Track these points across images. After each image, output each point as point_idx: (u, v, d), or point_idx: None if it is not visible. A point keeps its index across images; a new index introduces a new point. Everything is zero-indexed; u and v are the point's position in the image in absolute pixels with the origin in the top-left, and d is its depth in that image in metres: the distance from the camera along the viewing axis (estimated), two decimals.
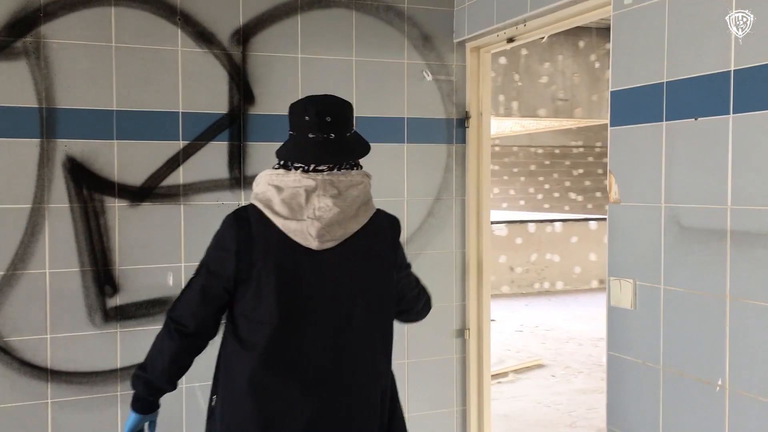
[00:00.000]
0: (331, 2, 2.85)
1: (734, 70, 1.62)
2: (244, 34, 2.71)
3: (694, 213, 1.72)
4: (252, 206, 1.72)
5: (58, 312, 2.51)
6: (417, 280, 1.95)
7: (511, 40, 2.83)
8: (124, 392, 2.58)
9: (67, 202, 2.50)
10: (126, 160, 2.57)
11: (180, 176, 2.64)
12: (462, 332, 3.15)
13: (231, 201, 2.71)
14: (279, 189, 1.69)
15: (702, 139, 1.74)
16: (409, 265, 1.92)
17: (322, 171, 1.69)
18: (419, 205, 3.04)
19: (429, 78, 3.02)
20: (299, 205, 1.67)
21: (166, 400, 1.81)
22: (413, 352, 3.04)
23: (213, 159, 2.69)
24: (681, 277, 1.78)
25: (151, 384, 1.75)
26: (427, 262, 3.04)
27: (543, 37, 2.77)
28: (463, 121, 3.10)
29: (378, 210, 1.82)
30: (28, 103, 2.44)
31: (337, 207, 1.67)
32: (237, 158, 2.72)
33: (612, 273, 1.99)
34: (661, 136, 1.82)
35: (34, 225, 2.46)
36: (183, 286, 2.34)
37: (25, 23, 2.42)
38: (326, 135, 1.72)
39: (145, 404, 1.79)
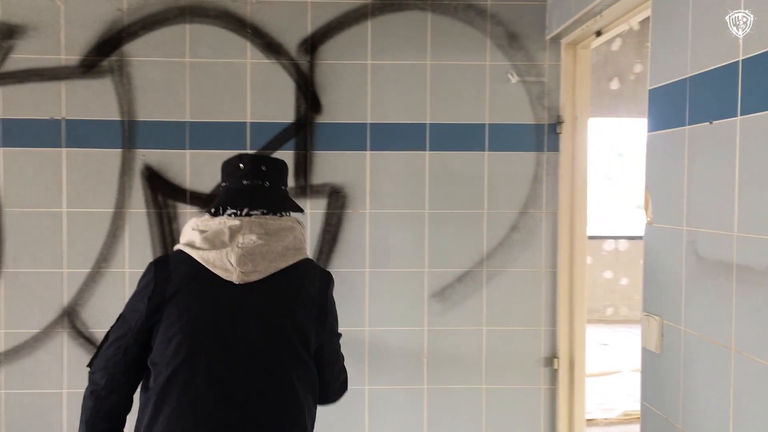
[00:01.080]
0: (404, 5, 2.74)
1: (742, 60, 1.23)
2: (312, 43, 2.71)
3: (708, 240, 1.35)
4: (175, 251, 1.68)
5: None
6: (341, 356, 1.77)
7: (599, 33, 2.49)
8: None
9: (144, 207, 2.69)
10: (197, 168, 2.70)
11: None
12: (551, 360, 2.84)
13: None
14: (203, 231, 1.64)
15: (714, 146, 1.36)
16: (338, 335, 1.74)
17: (251, 216, 1.64)
18: (501, 218, 2.80)
19: (514, 80, 2.77)
20: (222, 241, 1.60)
21: None
22: (491, 377, 2.81)
23: None
24: (697, 319, 1.40)
25: None
26: (508, 281, 2.80)
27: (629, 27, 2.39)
28: (555, 126, 2.80)
29: (310, 260, 1.71)
30: (112, 116, 2.67)
31: (261, 240, 1.59)
32: (303, 167, 2.73)
33: (645, 307, 1.64)
34: (684, 144, 1.45)
35: (115, 228, 2.69)
36: None
37: (110, 44, 2.66)
38: (261, 182, 1.70)
39: None
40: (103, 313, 2.69)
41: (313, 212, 2.73)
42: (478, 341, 2.82)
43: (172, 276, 1.59)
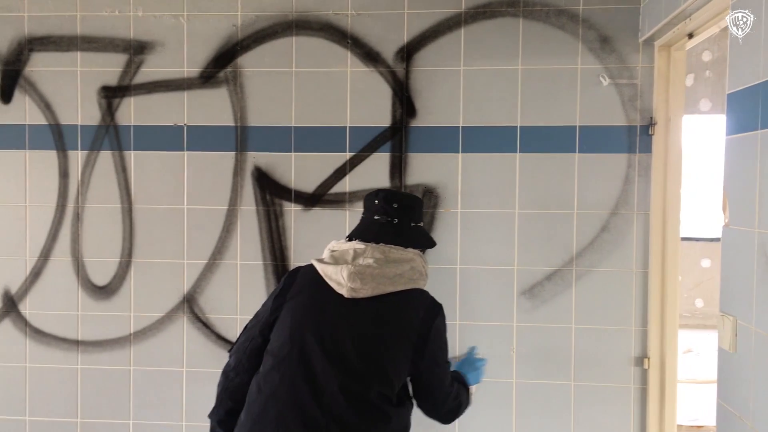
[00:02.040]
0: (496, 12, 2.85)
1: None
2: (408, 51, 2.87)
3: None
4: (309, 264, 1.93)
5: (246, 297, 2.97)
6: (453, 382, 1.89)
7: (691, 35, 2.50)
8: None
9: (254, 205, 2.95)
10: (301, 169, 2.92)
11: (346, 184, 2.91)
12: (641, 360, 2.86)
13: None
14: (334, 250, 1.91)
15: None
16: (444, 364, 1.85)
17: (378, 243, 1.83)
18: (591, 218, 2.85)
19: (606, 83, 2.82)
20: (344, 260, 1.82)
21: None
22: (581, 374, 2.87)
23: (376, 169, 2.90)
24: (766, 319, 1.44)
25: (211, 425, 1.95)
26: (598, 280, 2.85)
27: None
28: (647, 128, 2.81)
29: (423, 292, 1.84)
30: (227, 122, 2.94)
31: (376, 264, 1.77)
32: (398, 168, 2.89)
33: (721, 307, 1.67)
34: (756, 147, 1.48)
35: (229, 224, 2.96)
36: None
37: (226, 56, 2.93)
38: (390, 219, 1.90)
39: None
40: (218, 301, 2.97)
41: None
42: (567, 338, 2.88)
43: (296, 282, 1.87)
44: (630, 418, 2.86)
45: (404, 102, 2.88)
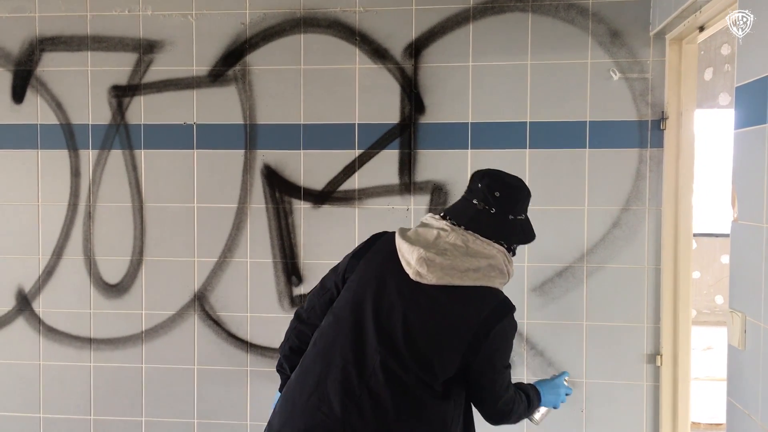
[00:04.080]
0: (505, 7, 2.83)
1: None
2: (416, 48, 2.86)
3: None
4: (392, 231, 1.89)
5: (256, 295, 2.98)
6: (509, 387, 1.83)
7: (702, 28, 2.46)
8: None
9: (264, 203, 2.95)
10: (310, 167, 2.92)
11: (355, 182, 2.91)
12: (654, 358, 2.83)
13: (401, 205, 2.89)
14: (423, 224, 1.85)
15: None
16: (501, 370, 1.79)
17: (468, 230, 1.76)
18: (602, 215, 2.82)
19: (616, 77, 2.78)
20: (426, 239, 1.76)
21: None
22: (593, 371, 2.84)
23: (385, 166, 2.89)
24: None
25: (279, 358, 2.00)
26: (610, 277, 2.82)
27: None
28: (659, 122, 2.78)
29: (495, 291, 1.76)
30: (236, 120, 2.95)
31: (450, 254, 1.70)
32: (407, 165, 2.88)
33: (731, 303, 1.64)
34: (764, 141, 1.45)
35: (239, 222, 2.97)
36: None
37: (234, 55, 2.93)
38: (488, 207, 1.77)
39: (281, 381, 2.01)
40: (228, 299, 2.99)
41: (416, 208, 2.88)
42: (578, 335, 2.86)
43: (375, 246, 1.85)
44: (643, 416, 2.83)
45: (413, 98, 2.87)
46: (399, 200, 2.89)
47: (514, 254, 1.85)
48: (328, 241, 2.93)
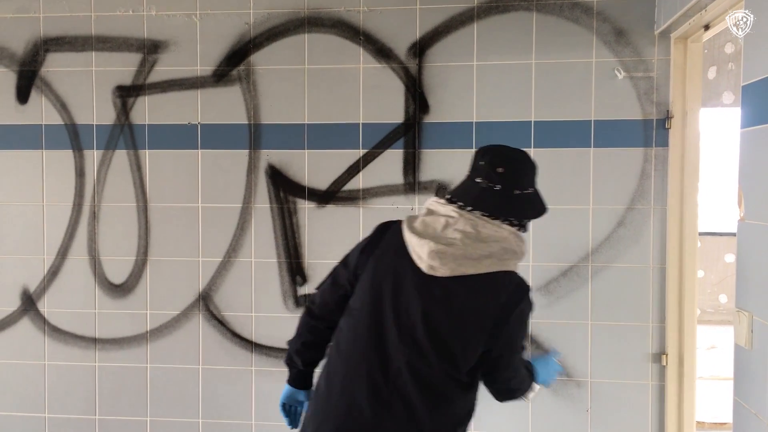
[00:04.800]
0: (509, 6, 2.82)
1: None
2: (420, 47, 2.85)
3: None
4: (399, 221, 1.85)
5: (260, 295, 2.98)
6: (520, 367, 1.82)
7: (707, 27, 2.45)
8: None
9: (268, 203, 2.95)
10: (314, 167, 2.92)
11: (359, 181, 2.91)
12: (659, 357, 2.82)
13: (405, 205, 2.88)
14: (430, 212, 1.79)
15: None
16: (518, 351, 1.78)
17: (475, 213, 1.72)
18: (607, 214, 2.82)
19: (621, 76, 2.78)
20: (434, 229, 1.72)
21: None
22: (598, 371, 2.84)
23: (389, 165, 2.89)
24: None
25: (289, 351, 2.00)
26: (615, 276, 2.82)
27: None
28: (664, 121, 2.77)
29: (510, 274, 1.72)
30: (241, 120, 2.95)
31: (461, 243, 1.66)
32: (411, 165, 2.88)
33: (737, 303, 1.64)
34: None
35: (243, 221, 2.97)
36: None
37: (239, 54, 2.93)
38: (492, 184, 1.71)
39: (290, 374, 2.02)
40: (233, 299, 2.99)
41: (421, 207, 2.88)
42: (584, 335, 2.85)
43: (383, 241, 1.80)
44: (648, 415, 2.83)
45: (417, 98, 2.86)
46: (403, 200, 2.89)
47: (526, 230, 1.80)
48: (332, 240, 2.93)
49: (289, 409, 2.06)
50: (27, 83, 3.05)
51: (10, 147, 3.08)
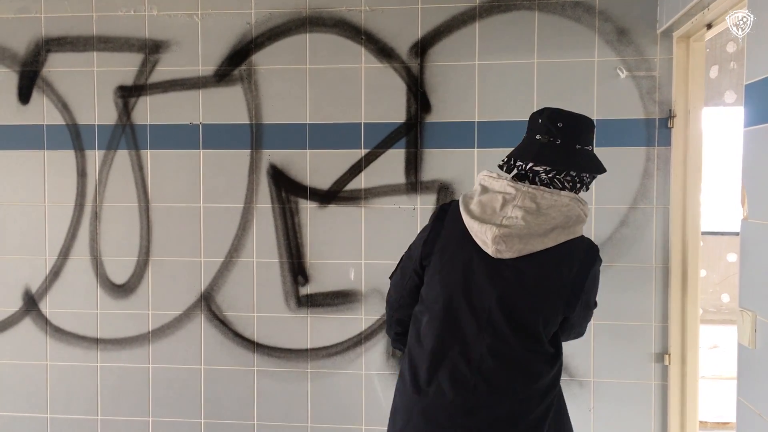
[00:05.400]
0: (511, 5, 2.82)
1: None
2: (422, 47, 2.85)
3: None
4: (456, 201, 1.83)
5: (262, 295, 2.97)
6: (586, 320, 1.86)
7: (709, 26, 2.45)
8: (313, 370, 2.95)
9: (270, 203, 2.95)
10: (316, 166, 2.92)
11: (361, 181, 2.90)
12: (662, 356, 2.82)
13: (407, 205, 2.88)
14: (484, 189, 1.76)
15: None
16: (593, 305, 1.80)
17: (534, 181, 1.71)
18: (610, 213, 2.81)
19: (623, 75, 2.77)
20: (493, 209, 1.70)
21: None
22: (600, 371, 2.83)
23: (391, 165, 2.88)
24: None
25: (391, 339, 2.05)
26: (618, 276, 2.81)
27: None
28: (666, 120, 2.77)
29: (579, 239, 1.71)
30: (242, 120, 2.94)
31: (524, 222, 1.64)
32: (413, 164, 2.88)
33: (741, 302, 1.63)
34: None
35: (245, 221, 2.97)
36: (363, 281, 2.85)
37: (240, 54, 2.93)
38: (552, 139, 1.70)
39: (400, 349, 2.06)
40: (235, 299, 2.98)
41: (423, 207, 2.88)
42: (586, 334, 2.83)
43: (444, 229, 1.79)
44: (651, 415, 2.82)
45: (419, 98, 2.86)
46: (405, 200, 2.89)
47: (587, 189, 1.78)
48: (334, 240, 2.92)
49: None
50: (28, 83, 3.05)
51: (12, 147, 3.09)
